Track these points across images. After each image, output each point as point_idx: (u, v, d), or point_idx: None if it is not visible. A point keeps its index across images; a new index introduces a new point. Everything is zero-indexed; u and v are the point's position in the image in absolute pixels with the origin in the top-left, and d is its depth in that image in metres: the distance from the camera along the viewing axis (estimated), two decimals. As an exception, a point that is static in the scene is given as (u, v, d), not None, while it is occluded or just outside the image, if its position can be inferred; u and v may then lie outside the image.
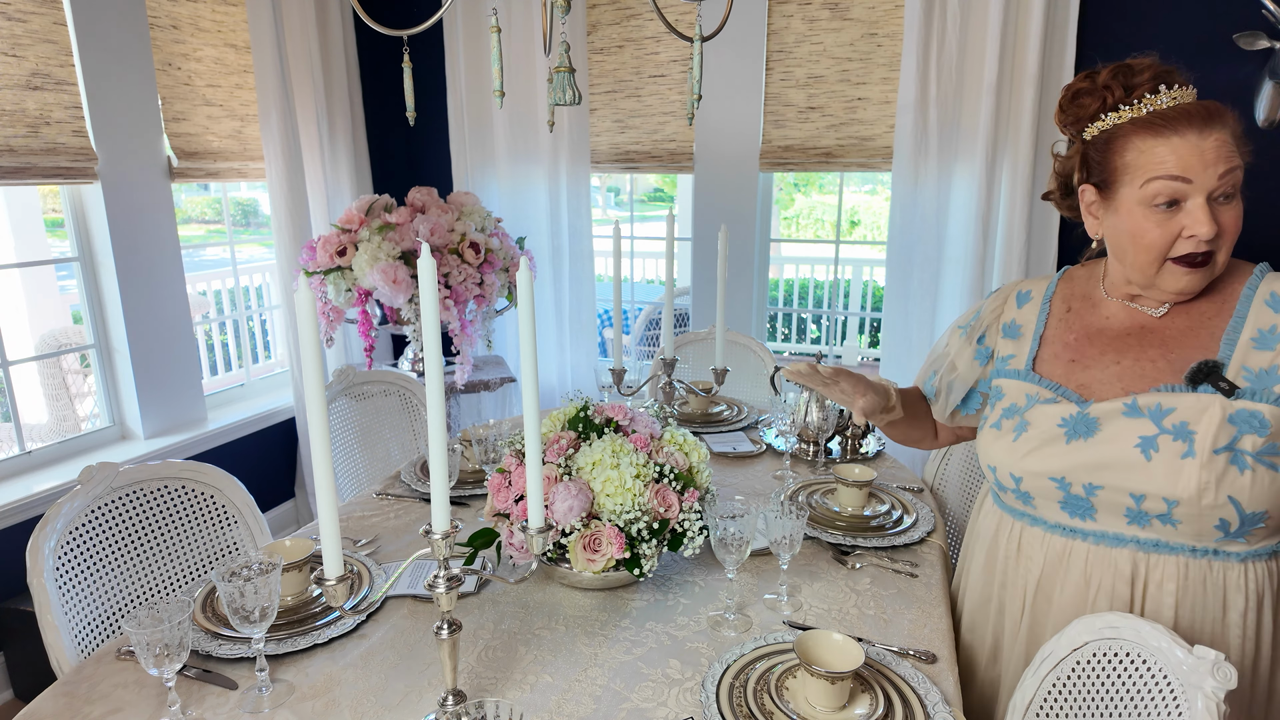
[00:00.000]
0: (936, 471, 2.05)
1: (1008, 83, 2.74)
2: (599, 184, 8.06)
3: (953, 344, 1.46)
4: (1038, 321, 1.33)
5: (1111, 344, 1.23)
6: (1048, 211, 2.82)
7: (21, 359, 2.69)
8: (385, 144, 3.70)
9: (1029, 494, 1.23)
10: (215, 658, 1.24)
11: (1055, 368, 1.27)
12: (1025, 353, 1.31)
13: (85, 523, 1.48)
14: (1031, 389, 1.26)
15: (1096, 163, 1.19)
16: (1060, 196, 1.33)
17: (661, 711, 1.12)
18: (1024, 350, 1.32)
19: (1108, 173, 1.17)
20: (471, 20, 3.35)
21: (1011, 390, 1.29)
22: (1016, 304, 1.38)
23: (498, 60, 1.45)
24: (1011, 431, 1.24)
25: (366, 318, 2.62)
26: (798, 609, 1.38)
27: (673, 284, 1.98)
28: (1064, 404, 1.21)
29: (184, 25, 2.90)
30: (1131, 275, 1.20)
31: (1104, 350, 1.23)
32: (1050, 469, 1.19)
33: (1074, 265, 1.38)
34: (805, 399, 2.02)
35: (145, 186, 2.76)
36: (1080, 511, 1.19)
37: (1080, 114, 1.21)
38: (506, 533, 1.38)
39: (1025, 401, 1.25)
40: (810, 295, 6.19)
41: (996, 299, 1.42)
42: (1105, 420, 1.15)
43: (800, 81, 3.10)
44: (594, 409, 1.52)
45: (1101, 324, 1.26)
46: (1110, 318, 1.26)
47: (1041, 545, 1.25)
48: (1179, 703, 0.94)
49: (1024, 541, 1.28)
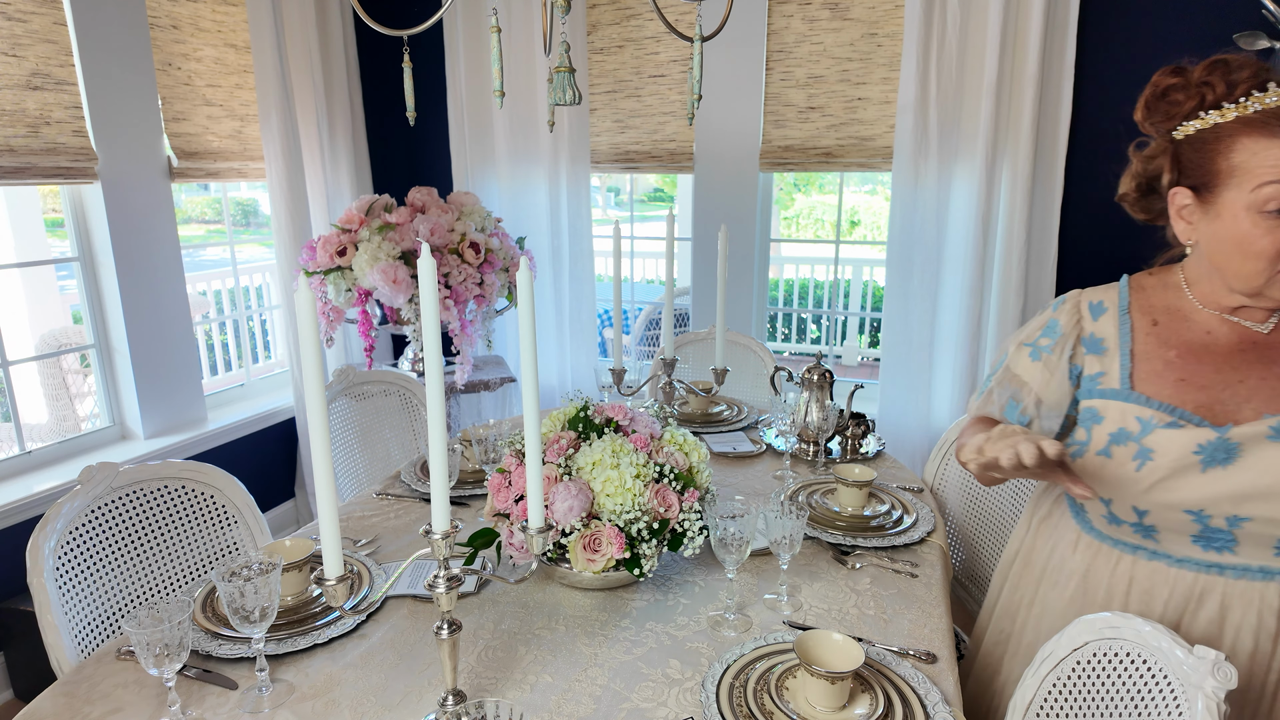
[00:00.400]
0: (936, 471, 2.05)
1: (1008, 83, 2.74)
2: (599, 184, 8.06)
3: (1024, 366, 1.29)
4: (1120, 335, 1.22)
5: (1226, 361, 1.14)
6: (1048, 211, 2.82)
7: (21, 359, 2.69)
8: (385, 144, 3.70)
9: (1154, 527, 1.14)
10: (215, 658, 1.24)
11: (1161, 387, 1.15)
12: (1116, 370, 1.20)
13: (85, 523, 1.48)
14: (1142, 411, 1.14)
15: (1193, 164, 1.11)
16: (1137, 198, 1.24)
17: (661, 711, 1.12)
18: (1113, 367, 1.21)
19: (1208, 175, 1.09)
20: (471, 20, 3.35)
21: (1113, 413, 1.17)
22: (1091, 315, 1.26)
23: (498, 60, 1.45)
24: (1131, 460, 1.13)
25: (366, 318, 2.62)
26: (798, 609, 1.38)
27: (673, 284, 1.98)
28: (1191, 429, 1.10)
29: (184, 25, 2.90)
30: (1235, 284, 1.11)
31: (1218, 369, 1.13)
32: (1185, 501, 1.09)
33: (1137, 273, 1.28)
34: (805, 399, 2.02)
35: (145, 186, 2.76)
36: (1218, 544, 1.11)
37: (1172, 111, 1.12)
38: (506, 533, 1.38)
39: (1139, 427, 1.13)
40: (810, 295, 6.19)
41: (1069, 312, 1.29)
42: (1249, 446, 1.05)
43: (800, 81, 3.10)
44: (594, 409, 1.52)
45: (1203, 339, 1.16)
46: (1211, 333, 1.16)
47: (1167, 581, 1.16)
48: (1179, 703, 0.94)
49: (1138, 577, 1.18)
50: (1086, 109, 2.78)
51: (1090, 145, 2.80)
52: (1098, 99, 2.77)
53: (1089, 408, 1.21)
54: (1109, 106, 2.76)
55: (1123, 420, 1.16)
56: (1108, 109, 2.76)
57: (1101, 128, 2.78)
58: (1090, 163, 2.82)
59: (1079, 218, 2.87)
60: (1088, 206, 2.86)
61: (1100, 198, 2.84)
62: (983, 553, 1.89)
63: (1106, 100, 2.76)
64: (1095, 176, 2.83)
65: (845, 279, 6.02)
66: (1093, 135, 2.79)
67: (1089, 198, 2.85)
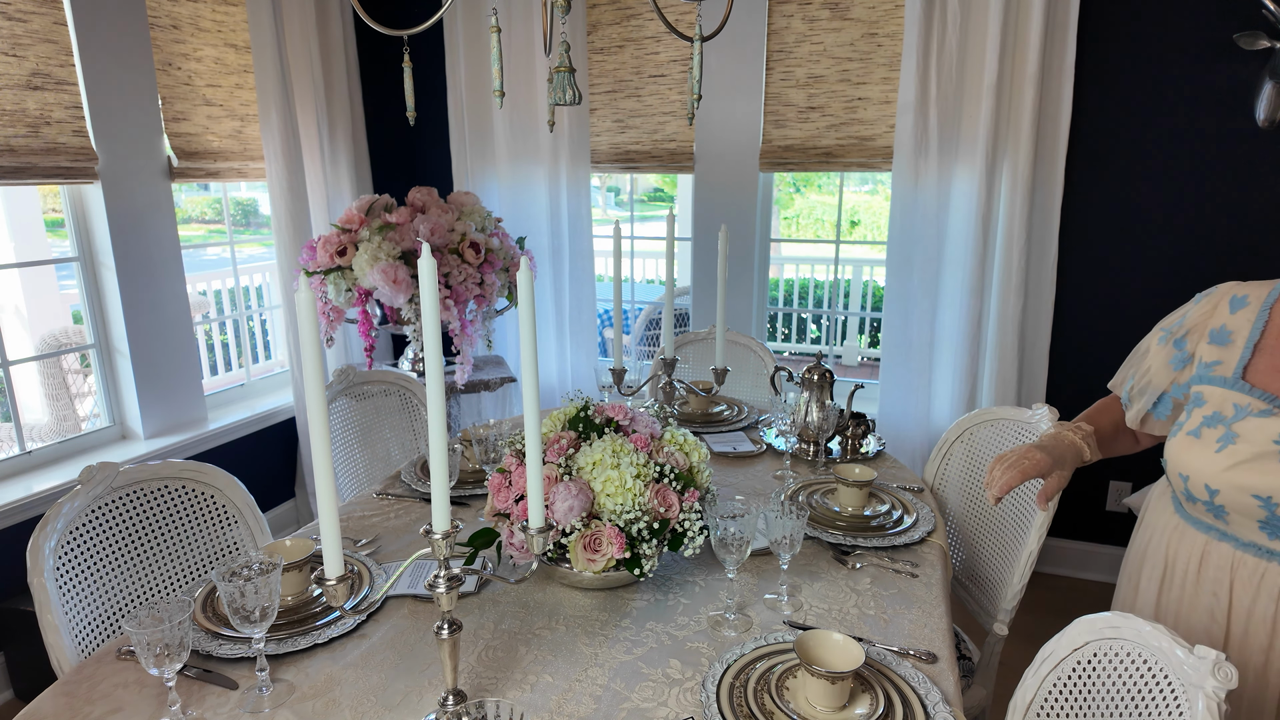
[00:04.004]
0: (936, 471, 2.05)
1: (1008, 83, 2.74)
2: (599, 184, 8.06)
3: (1153, 348, 1.38)
4: (1253, 329, 1.23)
5: None
6: (1048, 211, 2.82)
7: (22, 359, 2.69)
8: (385, 144, 3.70)
9: (1224, 508, 1.18)
10: (215, 658, 1.24)
11: (1272, 379, 1.18)
12: (1235, 360, 1.23)
13: (85, 523, 1.48)
14: (1241, 399, 1.18)
15: None
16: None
17: (662, 711, 1.12)
18: (1233, 357, 1.23)
19: None
20: (471, 20, 3.35)
21: (1215, 398, 1.22)
22: (1229, 309, 1.28)
23: (498, 60, 1.45)
24: (1215, 442, 1.17)
25: (366, 318, 2.62)
26: (798, 609, 1.38)
27: (673, 284, 1.98)
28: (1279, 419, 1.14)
29: (184, 25, 2.90)
30: None
31: None
32: (1257, 486, 1.12)
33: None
34: (805, 399, 2.02)
35: (145, 186, 2.76)
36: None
37: None
38: (507, 533, 1.38)
39: (1233, 412, 1.18)
40: (810, 295, 6.19)
41: (1207, 302, 1.32)
42: None
43: (800, 81, 3.10)
44: (594, 409, 1.52)
45: None
46: None
47: (1230, 564, 1.20)
48: (1180, 703, 0.94)
49: (1209, 557, 1.23)
50: (1086, 109, 2.78)
51: (1090, 145, 2.81)
52: (1098, 99, 2.77)
53: (1196, 392, 1.26)
54: (1109, 106, 2.76)
55: (1221, 405, 1.20)
56: (1108, 109, 2.76)
57: (1101, 128, 2.78)
58: (1090, 163, 2.82)
59: (1079, 218, 2.87)
60: (1088, 206, 2.86)
61: (1101, 197, 2.84)
62: (983, 553, 1.89)
63: (1106, 100, 2.76)
64: (1095, 177, 2.83)
65: (845, 279, 6.02)
66: (1093, 135, 2.80)
67: (1089, 198, 2.85)
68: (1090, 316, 2.94)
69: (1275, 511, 1.12)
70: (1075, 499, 3.09)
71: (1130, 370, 1.42)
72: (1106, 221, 2.85)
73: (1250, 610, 1.18)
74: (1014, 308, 2.85)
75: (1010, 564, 1.74)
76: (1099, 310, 2.91)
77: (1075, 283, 2.92)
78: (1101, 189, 2.84)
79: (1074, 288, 2.92)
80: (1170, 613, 1.30)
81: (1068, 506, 3.10)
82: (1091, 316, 2.93)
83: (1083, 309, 2.93)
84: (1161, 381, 1.34)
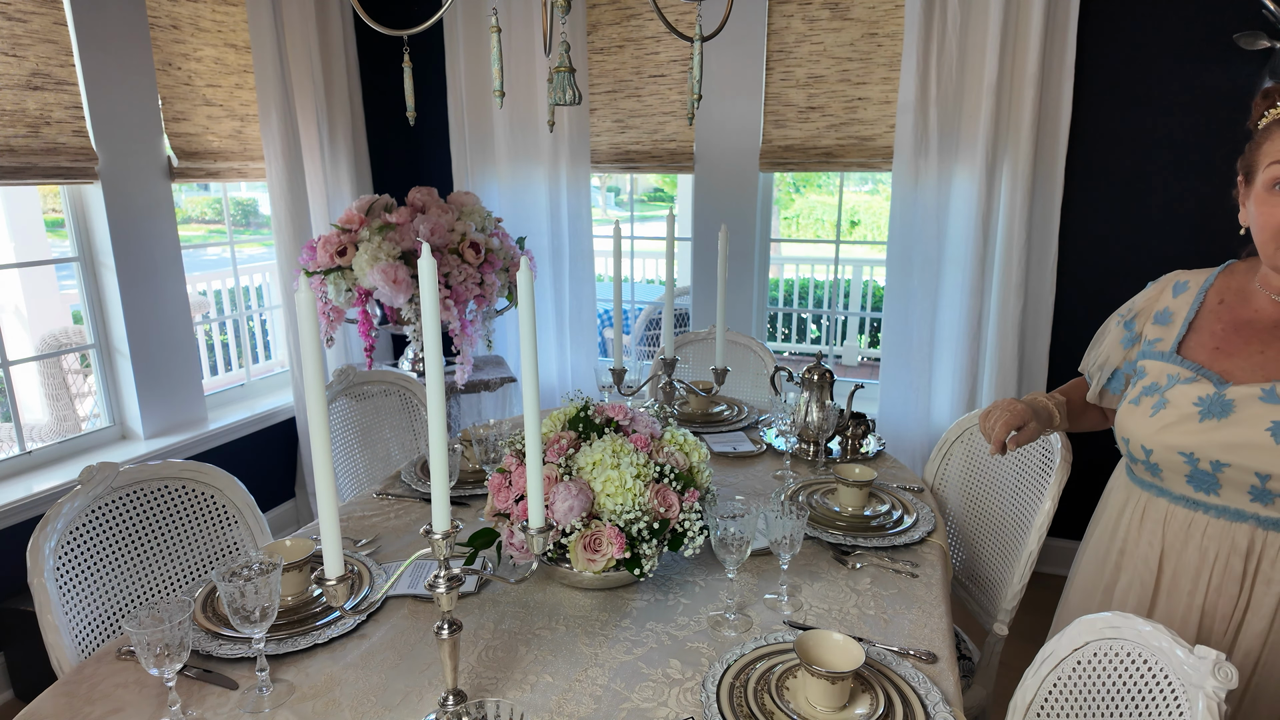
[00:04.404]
0: (936, 471, 2.05)
1: (1008, 83, 2.74)
2: (599, 184, 8.06)
3: (1110, 329, 1.52)
4: (1190, 310, 1.37)
5: (1257, 335, 1.28)
6: (1048, 211, 2.82)
7: (22, 359, 2.69)
8: (385, 144, 3.70)
9: (1158, 465, 1.31)
10: (215, 658, 1.24)
11: (1199, 353, 1.32)
12: (1172, 337, 1.37)
13: (85, 523, 1.48)
14: (1173, 369, 1.32)
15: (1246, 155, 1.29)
16: None
17: (662, 711, 1.12)
18: (1171, 335, 1.37)
19: (1250, 163, 1.26)
20: (471, 20, 3.35)
21: (1154, 370, 1.35)
22: (1172, 293, 1.42)
23: (498, 60, 1.45)
24: (1150, 408, 1.31)
25: (366, 318, 2.62)
26: (798, 609, 1.38)
27: (673, 284, 1.98)
28: (1202, 384, 1.27)
29: (184, 25, 2.90)
30: (1264, 260, 1.26)
31: (1249, 340, 1.28)
32: (1181, 444, 1.25)
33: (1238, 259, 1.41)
34: (805, 399, 2.02)
35: (145, 186, 2.76)
36: (1205, 486, 1.26)
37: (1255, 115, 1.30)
38: (507, 533, 1.38)
39: (1166, 381, 1.31)
40: (810, 295, 6.19)
41: (1155, 288, 1.46)
42: (1241, 404, 1.21)
43: (800, 81, 3.10)
44: (594, 409, 1.52)
45: (1250, 316, 1.31)
46: (1260, 311, 1.30)
47: (1164, 516, 1.33)
48: (1180, 703, 0.94)
49: (1148, 511, 1.36)
50: (1086, 109, 2.78)
51: (1090, 145, 2.80)
52: (1098, 99, 2.77)
53: (1140, 366, 1.40)
54: (1109, 107, 2.76)
55: (1158, 376, 1.34)
56: (1108, 109, 2.76)
57: (1101, 128, 2.78)
58: (1090, 162, 2.82)
59: (1079, 218, 2.87)
60: (1088, 206, 2.86)
61: (1101, 197, 2.84)
62: (983, 553, 1.89)
63: (1106, 100, 2.76)
64: (1095, 177, 2.83)
65: (845, 279, 6.02)
66: (1093, 135, 2.79)
67: (1089, 197, 2.85)
68: (1090, 316, 2.93)
69: (1197, 466, 1.25)
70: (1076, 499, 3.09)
71: (1093, 352, 1.56)
72: (1106, 221, 2.84)
73: (1180, 556, 1.31)
74: (1014, 308, 2.85)
75: (1010, 564, 1.75)
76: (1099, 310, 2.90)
77: (1075, 282, 2.92)
78: (1101, 189, 2.84)
79: (1074, 287, 2.92)
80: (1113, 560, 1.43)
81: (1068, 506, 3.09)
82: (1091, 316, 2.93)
83: (1083, 309, 2.93)
84: (1115, 359, 1.48)
